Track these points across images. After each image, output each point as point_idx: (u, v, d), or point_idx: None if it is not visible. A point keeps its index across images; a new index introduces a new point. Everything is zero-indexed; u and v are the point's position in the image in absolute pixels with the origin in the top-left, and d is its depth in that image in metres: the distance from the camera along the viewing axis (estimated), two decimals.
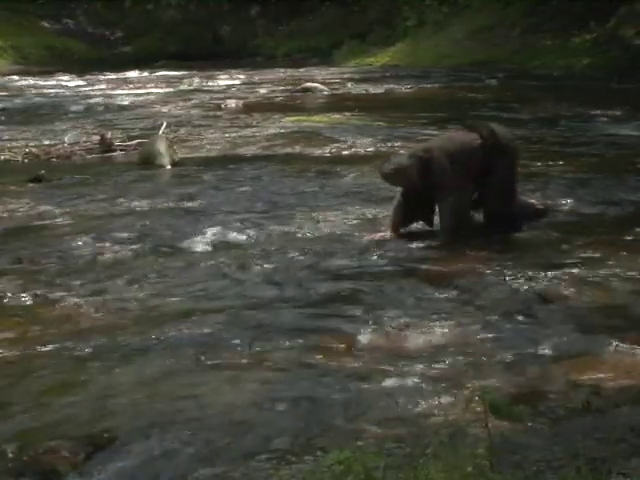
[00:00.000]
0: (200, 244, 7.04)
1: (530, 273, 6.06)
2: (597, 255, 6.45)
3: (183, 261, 6.64)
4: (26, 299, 5.85)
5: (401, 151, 7.29)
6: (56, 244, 7.12)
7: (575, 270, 6.09)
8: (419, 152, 7.01)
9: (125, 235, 7.31)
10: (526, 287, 5.81)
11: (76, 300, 5.78)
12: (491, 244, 6.85)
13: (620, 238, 6.91)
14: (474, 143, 6.99)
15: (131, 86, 22.13)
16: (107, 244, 7.07)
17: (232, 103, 17.18)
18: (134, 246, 7.02)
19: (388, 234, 7.07)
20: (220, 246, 7.01)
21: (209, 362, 4.75)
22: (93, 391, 4.45)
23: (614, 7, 22.84)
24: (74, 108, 17.29)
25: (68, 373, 4.69)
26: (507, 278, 6.01)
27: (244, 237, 7.22)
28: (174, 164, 10.66)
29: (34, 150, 11.69)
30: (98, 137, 12.00)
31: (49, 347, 5.00)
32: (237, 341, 5.00)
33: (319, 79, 22.34)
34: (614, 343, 4.78)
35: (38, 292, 5.95)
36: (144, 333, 5.17)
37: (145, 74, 26.14)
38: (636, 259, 6.34)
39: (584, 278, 5.93)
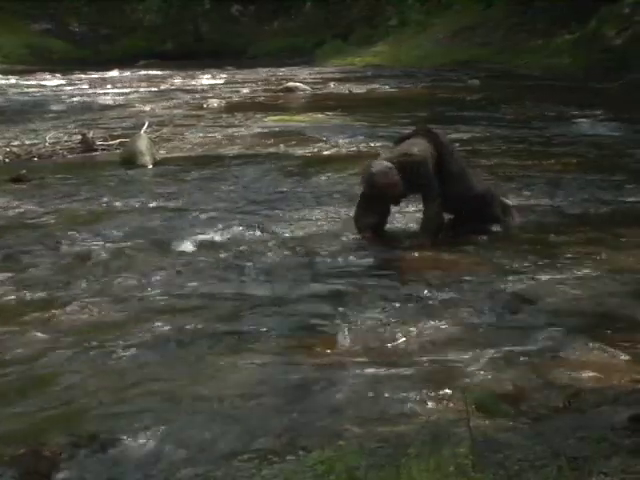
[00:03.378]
0: (182, 244, 7.02)
1: (512, 273, 6.08)
2: (578, 255, 6.47)
3: (166, 260, 6.62)
4: (11, 297, 5.84)
5: (379, 158, 7.21)
6: (40, 243, 7.09)
7: (557, 270, 6.11)
8: (400, 157, 6.96)
9: (108, 234, 7.29)
10: (508, 287, 5.82)
11: (61, 298, 5.77)
12: (473, 244, 6.86)
13: (601, 238, 6.94)
14: (428, 145, 7.05)
15: (113, 85, 22.07)
16: (91, 243, 7.05)
17: (214, 103, 17.16)
18: (118, 245, 6.99)
19: (370, 234, 7.07)
20: (203, 245, 7.00)
21: (190, 362, 4.75)
22: (76, 390, 4.44)
23: (595, 8, 22.91)
24: (55, 107, 17.24)
25: (51, 371, 4.67)
26: (489, 278, 6.02)
27: (226, 237, 7.21)
28: (156, 163, 10.65)
29: (15, 149, 11.64)
30: (79, 136, 11.96)
31: (34, 345, 4.99)
32: (218, 341, 5.00)
33: (301, 79, 22.36)
34: (596, 343, 4.79)
35: (23, 290, 5.94)
36: (127, 332, 5.16)
37: (127, 73, 26.07)
38: (617, 259, 6.37)
39: (566, 278, 5.95)
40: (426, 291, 5.78)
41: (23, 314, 5.53)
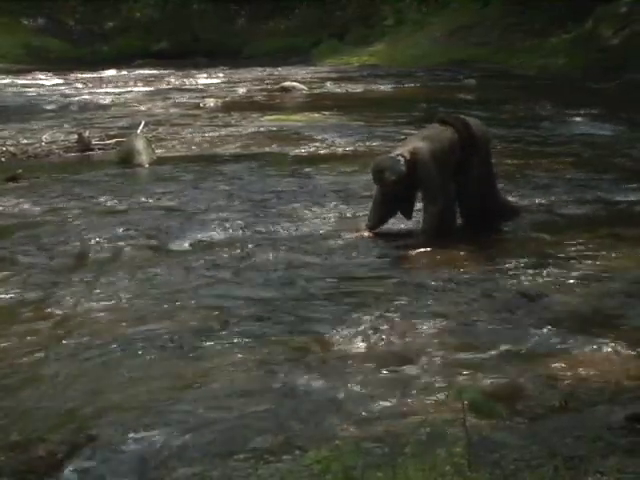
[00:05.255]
0: (179, 243, 7.02)
1: (510, 272, 6.09)
2: (575, 254, 6.48)
3: (163, 260, 6.63)
4: (7, 297, 5.83)
5: (388, 154, 7.15)
6: (36, 243, 7.09)
7: (554, 269, 6.11)
8: (405, 154, 6.91)
9: (105, 234, 7.28)
10: (506, 286, 5.83)
11: (57, 298, 5.78)
12: (470, 243, 6.86)
13: (599, 237, 6.94)
14: (452, 138, 6.98)
15: (110, 85, 22.02)
16: (87, 243, 7.05)
17: (211, 102, 17.12)
18: (114, 244, 7.00)
19: (367, 233, 7.08)
20: (199, 245, 7.00)
21: (187, 363, 4.75)
22: (71, 390, 4.44)
23: (592, 7, 22.90)
24: (52, 107, 17.19)
25: (48, 371, 4.67)
26: (487, 277, 6.03)
27: (222, 236, 7.21)
28: (152, 163, 10.64)
29: (11, 149, 11.61)
30: (76, 136, 11.94)
31: (27, 345, 4.99)
32: (215, 341, 5.00)
33: (298, 78, 22.31)
34: (593, 342, 4.80)
35: (19, 290, 5.94)
36: (124, 332, 5.17)
37: (124, 73, 26.00)
38: (614, 258, 6.38)
39: (563, 277, 5.95)
40: (423, 290, 5.78)
41: (19, 314, 5.53)
